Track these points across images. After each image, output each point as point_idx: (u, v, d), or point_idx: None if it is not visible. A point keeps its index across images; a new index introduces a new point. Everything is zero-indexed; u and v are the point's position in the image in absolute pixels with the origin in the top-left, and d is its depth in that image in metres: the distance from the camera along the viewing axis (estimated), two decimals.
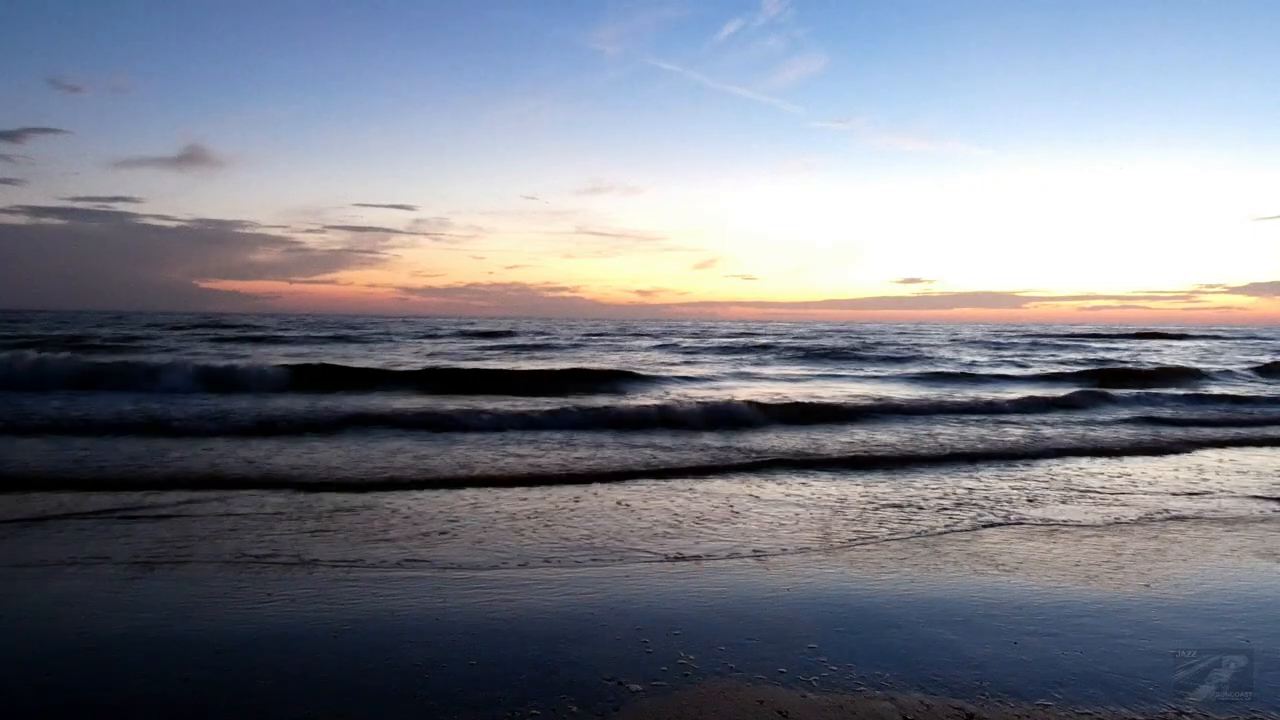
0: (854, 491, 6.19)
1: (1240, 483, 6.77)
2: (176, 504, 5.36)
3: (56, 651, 2.99)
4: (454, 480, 6.37)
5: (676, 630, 3.26)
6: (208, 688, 2.70)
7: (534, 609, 3.50)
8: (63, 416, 9.10)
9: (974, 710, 2.61)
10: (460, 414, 9.67)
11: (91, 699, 2.62)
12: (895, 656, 3.03)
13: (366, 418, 9.36)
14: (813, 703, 2.65)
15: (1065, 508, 5.72)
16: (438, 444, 8.10)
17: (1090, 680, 2.84)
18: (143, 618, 3.35)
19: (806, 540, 4.71)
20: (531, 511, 5.33)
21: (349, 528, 4.82)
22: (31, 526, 4.76)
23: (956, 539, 4.81)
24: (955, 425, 10.24)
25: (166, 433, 8.37)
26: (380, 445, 7.95)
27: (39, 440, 7.79)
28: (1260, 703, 2.72)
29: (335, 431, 8.73)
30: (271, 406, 10.48)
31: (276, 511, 5.19)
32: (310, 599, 3.58)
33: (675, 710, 2.58)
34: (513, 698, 2.64)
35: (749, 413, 10.51)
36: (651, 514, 5.31)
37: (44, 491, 5.66)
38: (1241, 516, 5.51)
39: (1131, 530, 5.08)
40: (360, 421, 9.20)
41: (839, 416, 10.89)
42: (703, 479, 6.65)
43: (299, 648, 3.04)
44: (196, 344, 25.68)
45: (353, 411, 9.86)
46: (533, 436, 8.73)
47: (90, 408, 9.82)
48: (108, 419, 8.94)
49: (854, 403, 12.10)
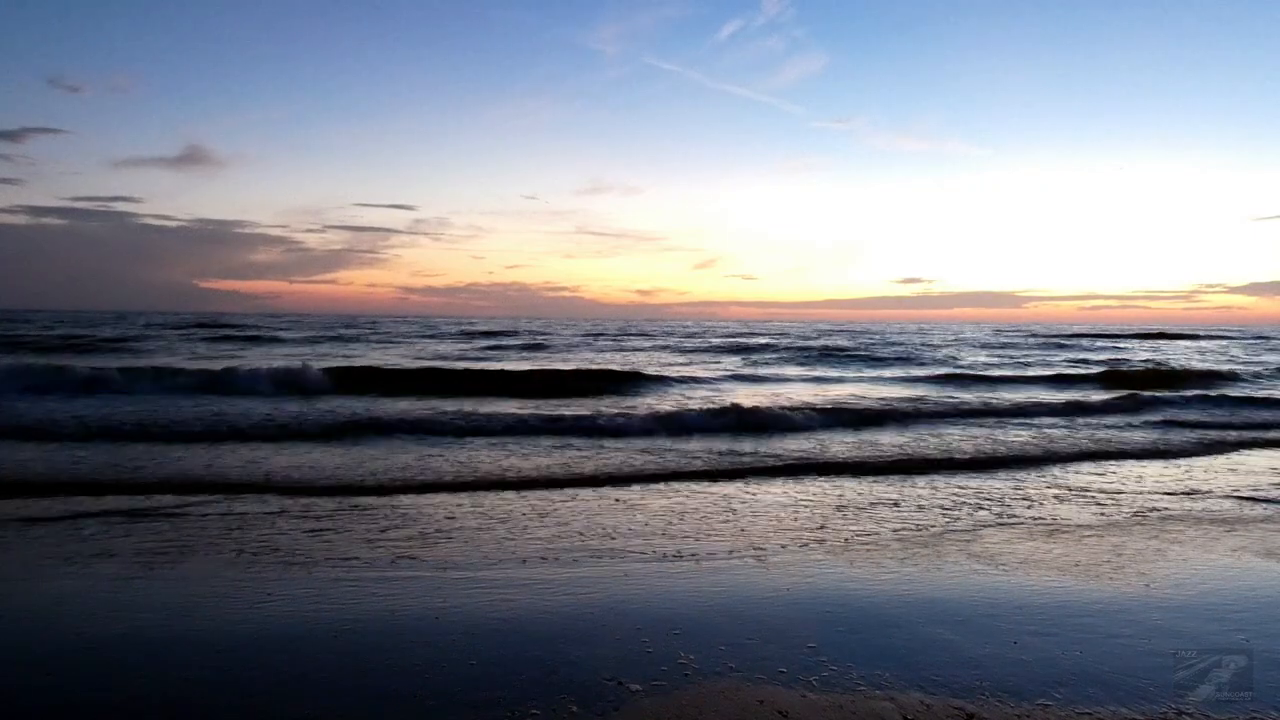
0: (953, 492, 6.20)
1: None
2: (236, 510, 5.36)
3: (56, 651, 2.99)
4: (487, 482, 6.38)
5: (676, 630, 3.26)
6: (208, 688, 2.70)
7: (534, 609, 3.50)
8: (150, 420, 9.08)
9: (974, 710, 2.61)
10: (484, 417, 9.56)
11: (91, 699, 2.62)
12: (895, 656, 3.03)
13: (381, 424, 9.13)
14: (813, 703, 2.65)
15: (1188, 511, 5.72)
16: (452, 446, 8.10)
17: (1090, 680, 2.84)
18: (143, 618, 3.35)
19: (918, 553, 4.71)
20: (540, 512, 5.33)
21: (347, 527, 4.82)
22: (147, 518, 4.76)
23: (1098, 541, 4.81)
24: (1026, 429, 10.02)
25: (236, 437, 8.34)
26: (379, 447, 7.95)
27: (144, 446, 7.80)
28: (1260, 703, 2.72)
29: (342, 436, 8.71)
30: (387, 409, 10.40)
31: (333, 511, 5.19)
32: (310, 599, 3.58)
33: (675, 710, 2.58)
34: (513, 698, 2.64)
35: (784, 416, 10.34)
36: (653, 514, 5.32)
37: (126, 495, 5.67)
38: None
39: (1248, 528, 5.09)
40: (375, 428, 8.93)
41: (878, 419, 10.70)
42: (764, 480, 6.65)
43: (299, 648, 3.04)
44: (227, 346, 25.64)
45: (366, 417, 9.86)
46: (553, 441, 8.53)
47: (94, 409, 9.81)
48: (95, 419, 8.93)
49: (891, 405, 11.86)
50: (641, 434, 9.09)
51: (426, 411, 10.05)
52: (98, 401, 10.61)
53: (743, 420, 10.09)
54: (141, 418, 9.08)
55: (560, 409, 10.70)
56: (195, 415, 9.36)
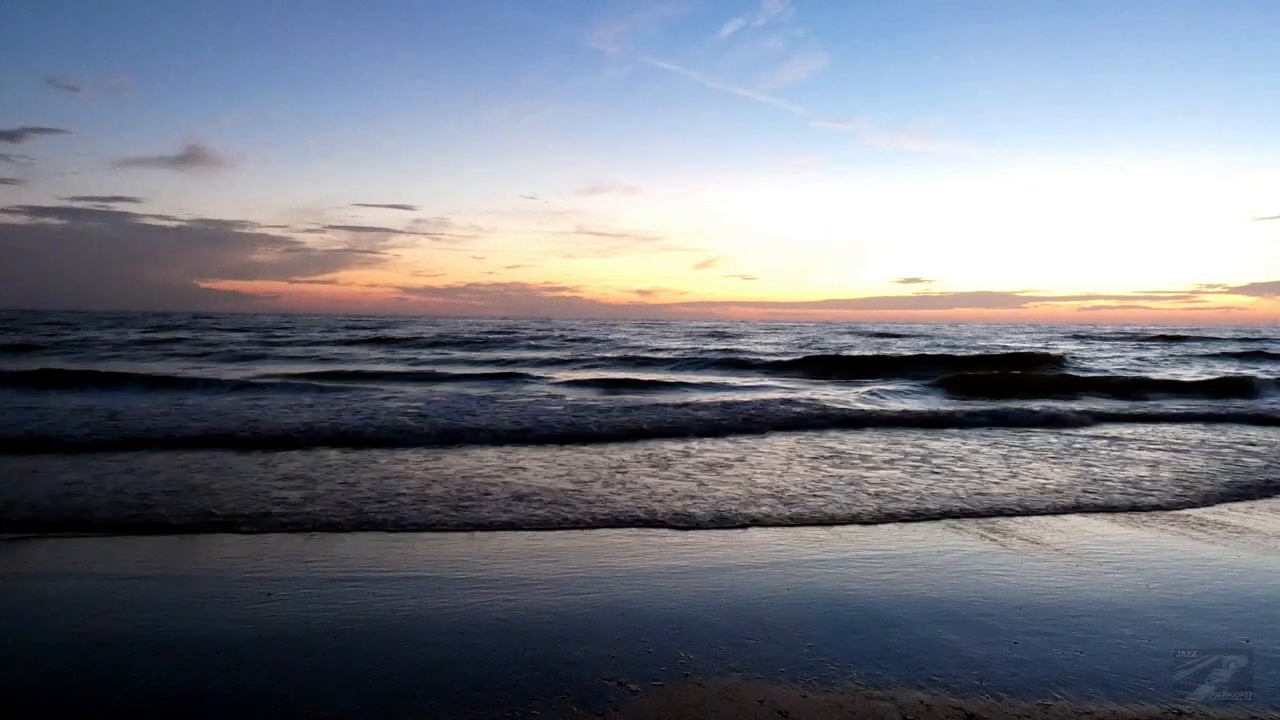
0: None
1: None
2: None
3: (56, 651, 2.99)
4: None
5: (676, 630, 3.26)
6: (208, 688, 2.70)
7: (534, 609, 3.50)
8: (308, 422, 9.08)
9: (974, 710, 2.61)
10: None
11: (91, 699, 2.62)
12: (895, 656, 3.03)
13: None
14: (813, 702, 2.65)
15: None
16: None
17: (1090, 680, 2.84)
18: (143, 618, 3.35)
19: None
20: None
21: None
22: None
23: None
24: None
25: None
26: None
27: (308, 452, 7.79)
28: (1260, 703, 2.72)
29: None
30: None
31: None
32: (310, 599, 3.58)
33: (675, 710, 2.58)
34: (513, 698, 2.64)
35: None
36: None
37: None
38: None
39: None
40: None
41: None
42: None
43: (299, 648, 3.04)
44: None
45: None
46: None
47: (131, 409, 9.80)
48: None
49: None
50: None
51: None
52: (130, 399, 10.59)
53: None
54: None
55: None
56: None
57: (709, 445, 8.30)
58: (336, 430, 8.31)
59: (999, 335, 49.18)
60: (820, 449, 8.15)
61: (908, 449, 8.22)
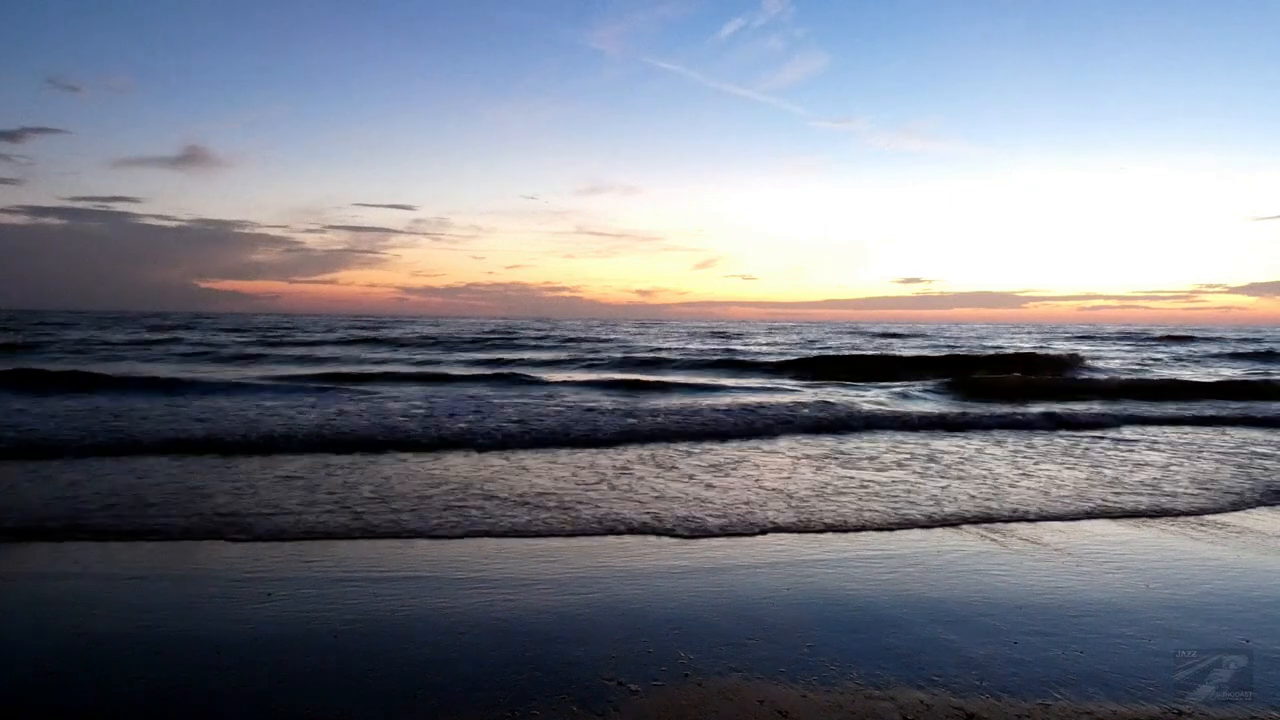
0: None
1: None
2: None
3: (56, 651, 2.99)
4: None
5: (676, 630, 3.26)
6: (208, 688, 2.70)
7: (534, 609, 3.50)
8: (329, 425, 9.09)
9: (974, 710, 2.61)
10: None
11: (91, 699, 2.62)
12: (895, 656, 3.03)
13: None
14: (813, 702, 2.65)
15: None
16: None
17: (1090, 680, 2.84)
18: (143, 618, 3.35)
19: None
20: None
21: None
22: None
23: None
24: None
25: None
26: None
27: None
28: (1260, 703, 2.72)
29: None
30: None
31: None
32: (310, 599, 3.58)
33: (675, 710, 2.58)
34: (513, 698, 2.64)
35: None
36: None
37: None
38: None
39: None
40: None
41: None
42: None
43: (299, 648, 3.04)
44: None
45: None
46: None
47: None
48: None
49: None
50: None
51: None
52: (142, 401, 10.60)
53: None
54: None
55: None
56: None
57: (714, 448, 8.30)
58: (337, 431, 8.31)
59: (1003, 335, 49.45)
60: (833, 454, 8.15)
61: (931, 449, 8.22)
